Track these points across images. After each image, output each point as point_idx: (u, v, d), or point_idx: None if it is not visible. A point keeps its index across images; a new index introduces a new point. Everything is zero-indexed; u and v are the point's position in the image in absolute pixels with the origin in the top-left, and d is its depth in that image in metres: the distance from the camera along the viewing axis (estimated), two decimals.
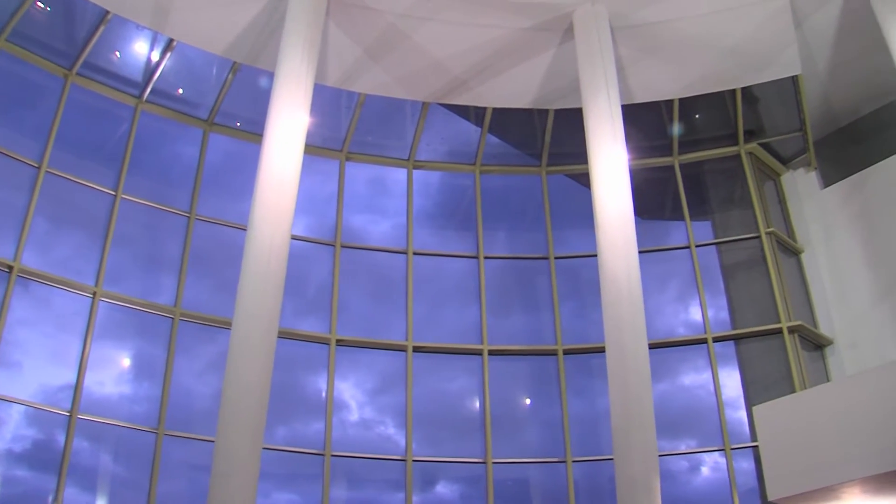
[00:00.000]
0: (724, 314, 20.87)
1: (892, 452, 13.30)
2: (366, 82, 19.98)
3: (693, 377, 20.27)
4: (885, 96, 21.08)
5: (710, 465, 19.42)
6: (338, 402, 18.65)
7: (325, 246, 20.06)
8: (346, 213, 20.53)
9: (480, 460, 18.65)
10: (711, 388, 19.79)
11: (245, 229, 16.05)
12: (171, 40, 18.91)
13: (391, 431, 19.07)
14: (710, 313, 20.54)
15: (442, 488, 18.81)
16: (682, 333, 20.59)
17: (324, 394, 18.54)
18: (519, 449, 19.19)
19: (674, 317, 21.06)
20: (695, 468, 19.49)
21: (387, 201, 21.48)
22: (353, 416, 18.93)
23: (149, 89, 19.19)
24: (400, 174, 21.56)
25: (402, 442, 18.74)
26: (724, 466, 19.00)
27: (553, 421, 19.47)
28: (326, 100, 20.29)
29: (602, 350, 16.81)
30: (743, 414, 19.56)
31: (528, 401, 20.16)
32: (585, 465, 19.02)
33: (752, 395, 19.47)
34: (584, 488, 18.96)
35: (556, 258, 21.25)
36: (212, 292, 18.55)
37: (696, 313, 20.70)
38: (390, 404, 19.34)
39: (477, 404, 19.47)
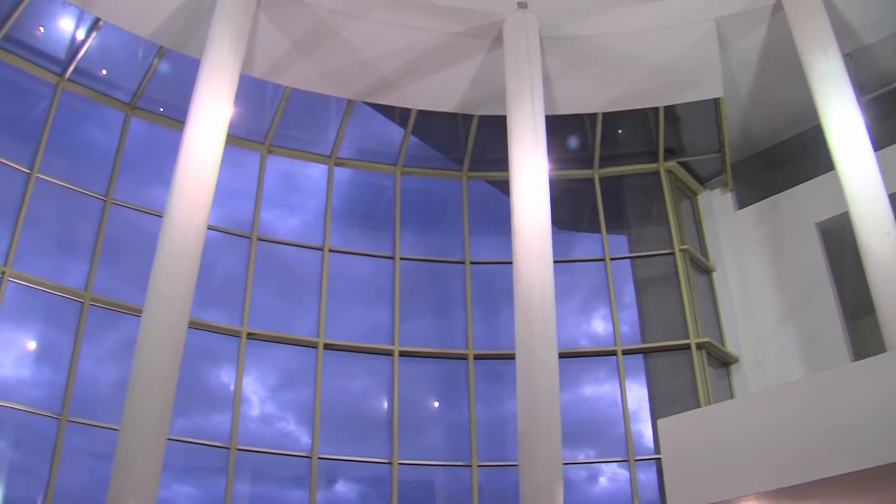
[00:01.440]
0: (635, 327, 21.34)
1: (788, 469, 13.68)
2: (292, 76, 20.00)
3: (600, 388, 20.68)
4: (801, 124, 21.77)
5: (609, 476, 19.85)
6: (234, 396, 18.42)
7: (232, 237, 19.78)
8: (248, 208, 20.29)
9: (386, 461, 18.72)
10: (618, 399, 20.25)
11: (161, 216, 15.87)
12: (97, 19, 18.65)
13: (292, 428, 19.04)
14: (620, 326, 20.98)
15: (341, 487, 18.85)
16: (591, 344, 20.98)
17: (232, 387, 18.42)
18: (425, 451, 19.33)
19: (584, 328, 21.44)
20: (593, 478, 19.90)
21: (295, 197, 21.34)
22: (254, 410, 18.82)
23: (72, 68, 18.89)
24: (311, 170, 21.44)
25: (303, 439, 18.72)
26: (623, 477, 19.44)
27: (460, 425, 19.66)
28: (251, 91, 20.10)
29: (512, 357, 17.11)
30: (648, 426, 19.96)
31: (436, 404, 20.24)
32: (490, 470, 19.29)
33: (658, 409, 19.98)
34: (488, 493, 19.19)
35: (471, 263, 21.46)
36: (122, 278, 18.30)
37: (606, 325, 21.10)
38: (293, 401, 19.31)
39: (385, 405, 19.49)
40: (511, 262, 17.66)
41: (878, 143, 18.23)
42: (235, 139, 19.88)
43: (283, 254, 20.31)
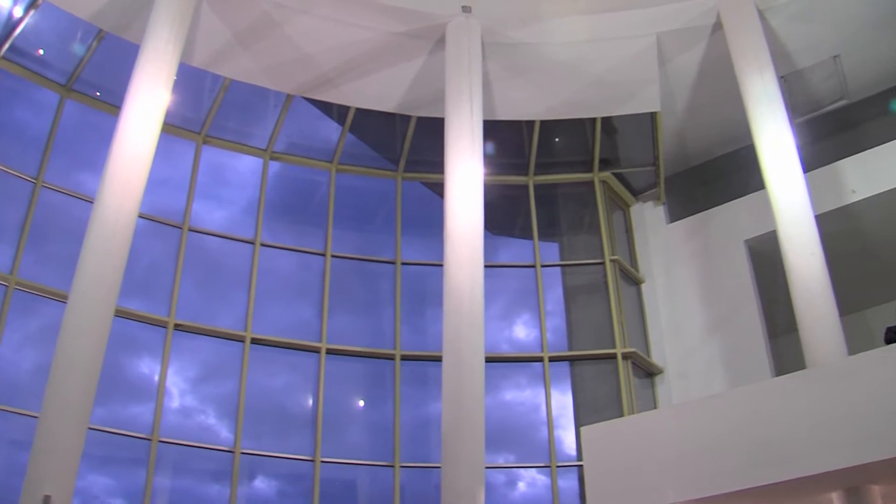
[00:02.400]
0: (562, 335, 21.59)
1: (708, 480, 13.98)
2: (232, 67, 19.95)
3: (525, 394, 20.86)
4: (735, 142, 22.32)
5: (528, 481, 20.08)
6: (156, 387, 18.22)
7: (155, 225, 19.48)
8: (179, 197, 20.09)
9: (309, 458, 18.66)
10: (543, 405, 20.41)
11: (91, 202, 15.73)
12: None
13: (212, 422, 18.94)
14: (548, 333, 21.28)
15: (260, 483, 18.81)
16: (518, 350, 21.21)
17: (156, 378, 18.22)
18: (348, 450, 19.32)
19: (512, 333, 21.62)
20: (512, 483, 20.10)
21: (223, 189, 21.18)
22: (174, 402, 18.63)
23: (7, 46, 18.56)
24: (239, 162, 21.27)
25: (223, 433, 18.64)
26: (542, 483, 19.71)
27: (384, 425, 19.75)
28: (189, 80, 19.93)
29: (439, 359, 17.42)
30: (571, 433, 20.21)
31: (361, 403, 20.27)
32: (412, 472, 19.40)
33: (582, 416, 20.33)
34: (410, 494, 19.33)
35: (402, 264, 21.58)
36: (48, 263, 18.04)
37: (534, 331, 21.30)
38: (213, 394, 19.19)
39: (309, 402, 19.45)
40: (442, 265, 17.79)
41: (808, 164, 18.73)
42: (171, 127, 19.72)
43: (210, 245, 20.14)
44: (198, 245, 19.95)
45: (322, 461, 18.81)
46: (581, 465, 18.31)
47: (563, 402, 20.87)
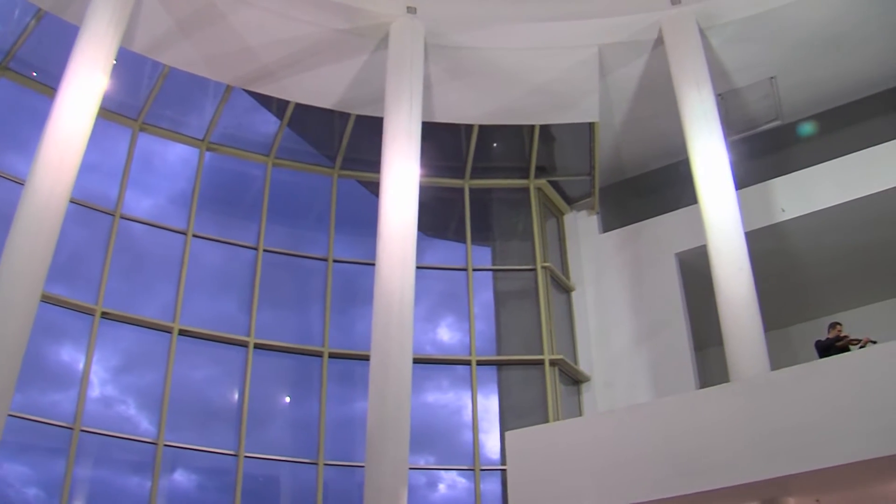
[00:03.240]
0: (491, 339, 21.80)
1: (629, 488, 14.29)
2: (173, 55, 19.82)
3: (451, 396, 20.91)
4: (670, 156, 22.79)
5: (448, 483, 20.20)
6: (76, 375, 17.97)
7: (84, 211, 19.17)
8: (109, 183, 19.86)
9: (232, 453, 18.56)
10: (467, 408, 20.53)
11: (22, 184, 15.54)
12: None
13: (132, 412, 18.75)
14: (477, 336, 21.27)
15: (179, 476, 18.69)
16: (446, 352, 21.33)
17: (79, 365, 17.99)
18: (272, 446, 19.23)
19: (441, 335, 21.75)
20: (433, 484, 20.21)
21: (153, 177, 20.95)
22: (94, 391, 18.36)
23: None
24: (170, 151, 21.10)
25: (143, 424, 18.51)
26: (462, 486, 19.92)
27: (309, 422, 19.71)
28: (128, 65, 19.70)
29: (367, 358, 17.52)
30: (496, 437, 20.35)
31: (287, 399, 20.19)
32: (336, 470, 19.43)
33: (507, 421, 20.56)
34: (333, 492, 19.39)
35: (334, 261, 21.60)
36: None
37: (463, 334, 21.44)
38: (135, 384, 19.02)
39: (235, 396, 19.35)
40: (374, 264, 17.91)
41: (741, 182, 19.19)
42: (107, 112, 19.48)
43: (137, 234, 19.91)
44: (125, 233, 19.71)
45: (246, 456, 18.72)
46: (504, 470, 18.50)
47: (488, 406, 21.04)
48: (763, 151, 22.39)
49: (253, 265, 20.65)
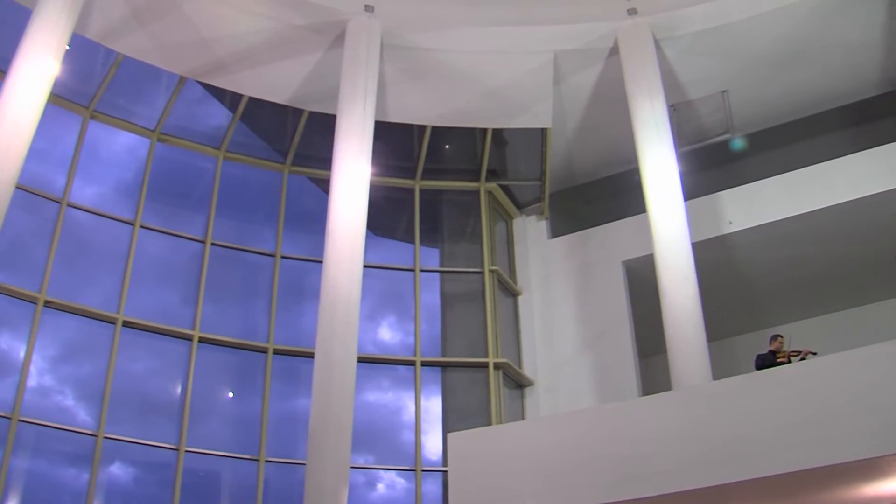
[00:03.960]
0: (436, 340, 21.88)
1: (569, 493, 14.46)
2: (127, 44, 19.66)
3: (393, 396, 21.01)
4: (620, 165, 23.07)
5: (387, 483, 20.28)
6: (13, 364, 17.77)
7: (27, 197, 18.81)
8: (56, 170, 19.61)
9: (173, 447, 18.45)
10: (408, 408, 20.61)
11: None
12: None
13: (69, 403, 18.55)
14: (422, 337, 21.52)
15: (116, 469, 18.51)
16: (392, 352, 21.38)
17: (21, 353, 17.75)
18: (213, 440, 19.15)
19: (386, 335, 21.82)
20: (371, 484, 20.28)
21: (95, 166, 20.65)
22: (31, 381, 18.08)
23: None
24: (117, 140, 20.87)
25: (80, 415, 18.30)
26: (402, 486, 20.09)
27: (252, 418, 19.63)
28: (82, 51, 19.49)
29: (312, 355, 17.65)
30: (438, 439, 20.43)
31: (230, 394, 20.13)
32: (277, 467, 19.38)
33: (450, 422, 20.71)
34: (274, 489, 19.34)
35: (282, 257, 21.52)
36: None
37: (409, 334, 21.49)
38: (73, 375, 18.83)
39: (178, 389, 19.24)
40: (322, 261, 17.91)
41: (689, 193, 19.51)
42: (58, 98, 19.25)
43: (81, 222, 19.67)
44: (71, 221, 19.51)
45: (186, 451, 18.62)
46: (445, 471, 18.61)
47: (431, 407, 21.15)
48: (713, 163, 22.75)
49: (200, 258, 20.51)
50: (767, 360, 16.73)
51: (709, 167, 22.63)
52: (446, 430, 20.22)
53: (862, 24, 20.60)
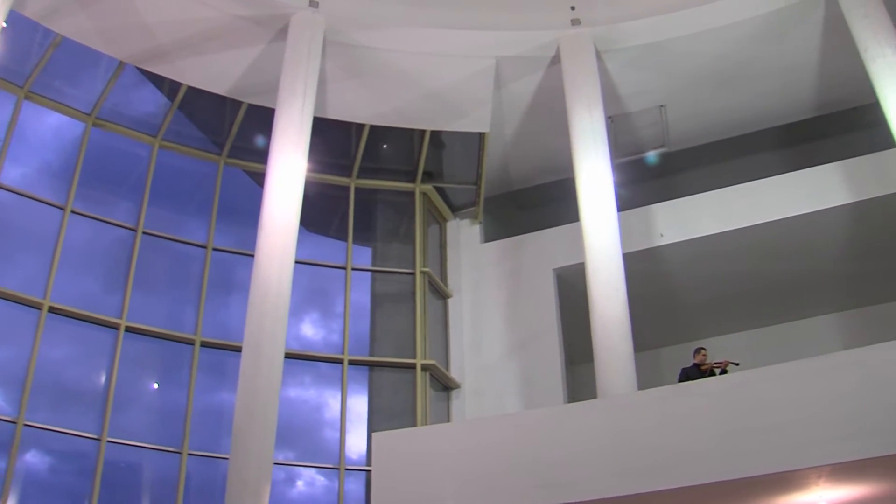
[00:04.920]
0: (365, 339, 21.96)
1: (491, 496, 14.66)
2: (67, 25, 19.37)
3: (317, 393, 21.06)
4: (556, 173, 23.43)
5: (307, 480, 20.32)
6: None
7: None
8: None
9: (95, 436, 18.26)
10: (332, 406, 20.70)
11: None
12: None
13: None
14: (351, 336, 21.48)
15: (31, 458, 18.24)
16: (320, 349, 21.41)
17: None
18: (135, 432, 18.96)
19: (315, 332, 21.87)
20: (291, 480, 20.28)
21: (31, 148, 20.23)
22: None
23: None
24: (46, 122, 20.51)
25: None
26: (321, 483, 20.18)
27: (176, 410, 19.51)
28: (19, 30, 19.20)
29: (239, 349, 17.64)
30: (361, 438, 20.48)
31: (155, 385, 20.01)
32: (200, 460, 19.26)
33: (375, 422, 20.84)
34: (196, 483, 19.23)
35: (214, 249, 21.37)
36: None
37: (332, 332, 21.57)
38: None
39: (102, 378, 19.02)
40: (253, 255, 17.94)
41: (623, 204, 19.89)
42: None
43: (12, 205, 19.26)
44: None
45: (108, 441, 18.42)
46: (369, 471, 18.72)
47: (356, 406, 21.21)
48: (647, 176, 23.17)
49: (130, 246, 20.31)
50: (692, 373, 17.11)
51: (643, 180, 23.04)
52: (371, 429, 20.34)
53: (798, 48, 21.17)
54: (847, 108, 22.34)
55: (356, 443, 20.81)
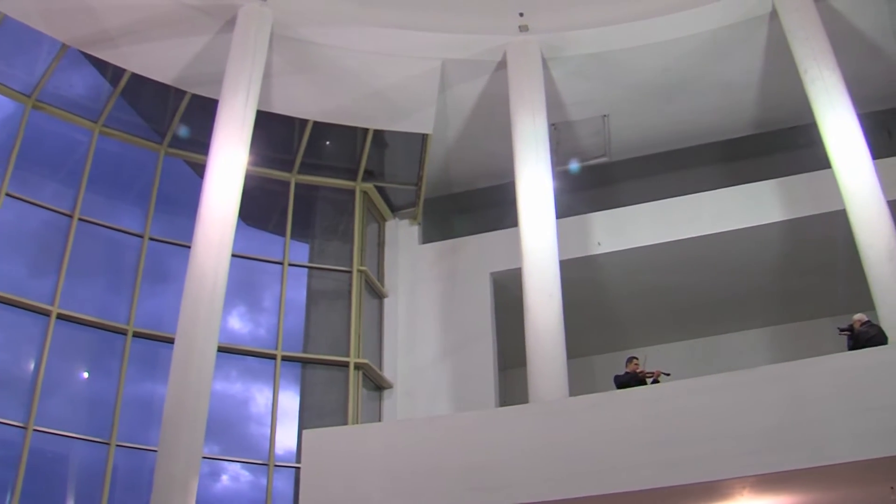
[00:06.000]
0: (299, 336, 21.91)
1: (420, 498, 14.80)
2: (9, 3, 19.00)
3: (253, 388, 21.03)
4: (497, 177, 23.58)
5: (231, 475, 20.23)
6: None
7: None
8: None
9: (21, 424, 17.99)
10: (261, 402, 20.66)
11: None
12: None
13: None
14: (284, 332, 21.48)
15: None
16: (253, 344, 21.35)
17: None
18: (64, 421, 18.70)
19: (249, 326, 21.82)
20: (215, 474, 20.15)
21: None
22: None
23: None
24: None
25: None
26: (247, 479, 20.01)
27: (106, 400, 19.29)
28: None
29: (172, 341, 17.59)
30: (292, 434, 20.46)
31: (86, 374, 19.82)
32: (128, 452, 19.05)
33: (306, 419, 20.82)
34: (123, 475, 19.02)
35: (150, 239, 21.17)
36: None
37: (271, 328, 21.51)
38: None
39: (30, 366, 18.75)
40: (189, 247, 17.91)
41: (561, 211, 20.13)
42: None
43: None
44: None
45: (35, 430, 18.17)
46: (298, 468, 18.73)
47: (287, 402, 21.18)
48: (587, 185, 23.43)
49: (66, 233, 20.07)
50: (624, 381, 17.35)
51: (583, 188, 23.30)
52: (302, 426, 20.32)
53: (741, 65, 21.60)
54: (785, 127, 22.78)
55: (286, 440, 20.78)
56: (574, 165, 23.23)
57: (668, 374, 17.39)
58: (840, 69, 18.99)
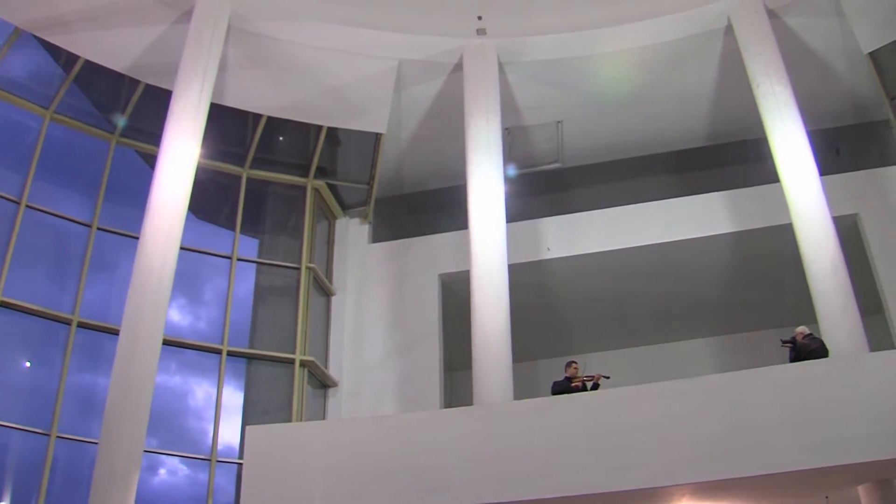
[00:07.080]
0: (244, 331, 21.81)
1: (363, 498, 14.86)
2: None
3: (196, 382, 20.94)
4: (449, 179, 23.73)
5: (169, 469, 20.12)
6: None
7: None
8: None
9: None
10: (212, 398, 20.59)
11: None
12: None
13: None
14: (230, 327, 21.43)
15: None
16: (198, 338, 21.21)
17: None
18: (2, 411, 18.44)
19: (194, 320, 21.76)
20: (152, 468, 20.07)
21: None
22: None
23: None
24: None
25: None
26: (185, 473, 19.96)
27: (47, 391, 19.07)
28: None
29: (117, 332, 17.50)
30: (235, 430, 20.40)
31: (27, 364, 19.59)
32: (68, 444, 18.84)
33: (250, 415, 20.78)
34: (63, 467, 18.82)
35: (98, 229, 20.95)
36: None
37: (217, 322, 21.41)
38: None
39: None
40: (138, 238, 17.78)
41: (512, 215, 20.28)
42: None
43: None
44: None
45: None
46: (240, 463, 18.70)
47: (230, 398, 21.12)
48: (539, 190, 23.60)
49: (12, 220, 19.83)
50: (563, 387, 17.49)
51: (534, 193, 23.48)
52: (245, 422, 20.32)
53: (695, 78, 21.91)
54: (737, 140, 23.14)
55: (229, 435, 20.72)
56: (511, 171, 23.30)
57: (608, 378, 17.55)
58: (791, 86, 19.37)
